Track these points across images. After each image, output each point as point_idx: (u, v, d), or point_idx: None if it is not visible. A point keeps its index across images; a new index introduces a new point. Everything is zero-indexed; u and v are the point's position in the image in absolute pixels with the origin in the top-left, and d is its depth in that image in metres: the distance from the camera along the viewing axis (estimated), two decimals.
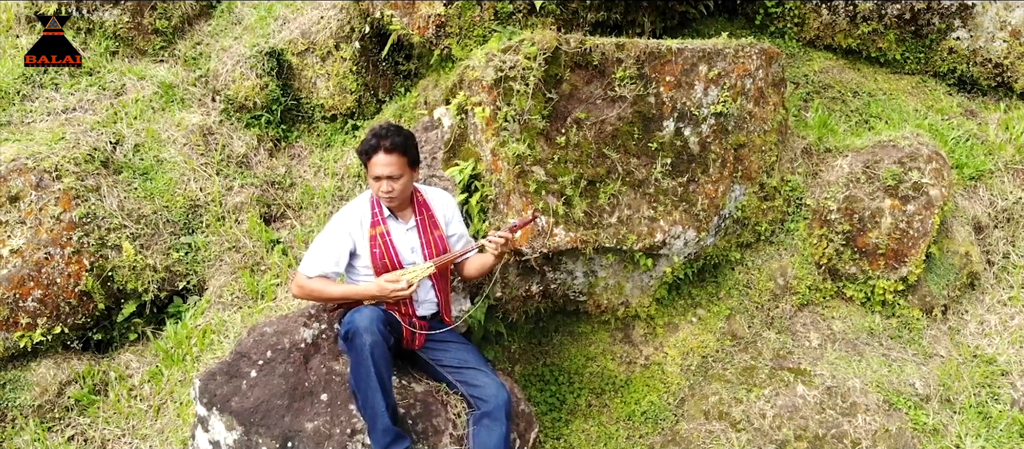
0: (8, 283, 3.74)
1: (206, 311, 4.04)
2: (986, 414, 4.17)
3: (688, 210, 3.94)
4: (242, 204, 4.36)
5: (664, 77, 3.85)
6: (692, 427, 3.97)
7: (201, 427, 3.39)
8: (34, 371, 3.80)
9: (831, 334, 4.26)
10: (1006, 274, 4.59)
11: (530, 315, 4.11)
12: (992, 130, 5.01)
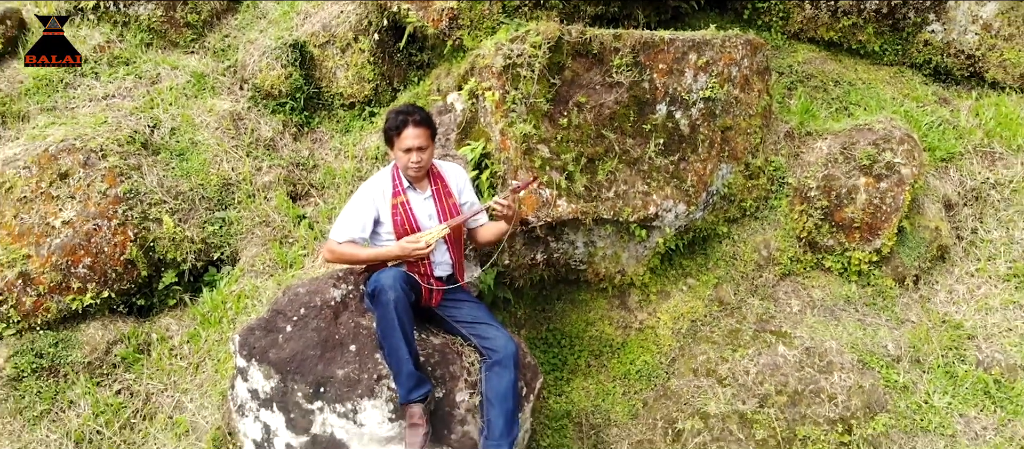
0: (61, 251, 4.13)
1: (239, 279, 4.43)
2: (953, 374, 4.55)
3: (679, 186, 4.34)
4: (270, 183, 4.75)
5: (657, 65, 4.24)
6: (682, 383, 4.36)
7: (240, 377, 3.78)
8: (84, 332, 4.19)
9: (810, 301, 4.65)
10: (974, 248, 4.98)
11: (534, 282, 4.51)
12: (963, 116, 5.40)
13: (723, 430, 4.18)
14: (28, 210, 4.18)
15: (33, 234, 4.14)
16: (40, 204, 4.20)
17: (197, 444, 3.89)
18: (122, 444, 3.96)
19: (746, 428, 4.17)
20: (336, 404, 3.57)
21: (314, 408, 3.61)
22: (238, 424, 3.85)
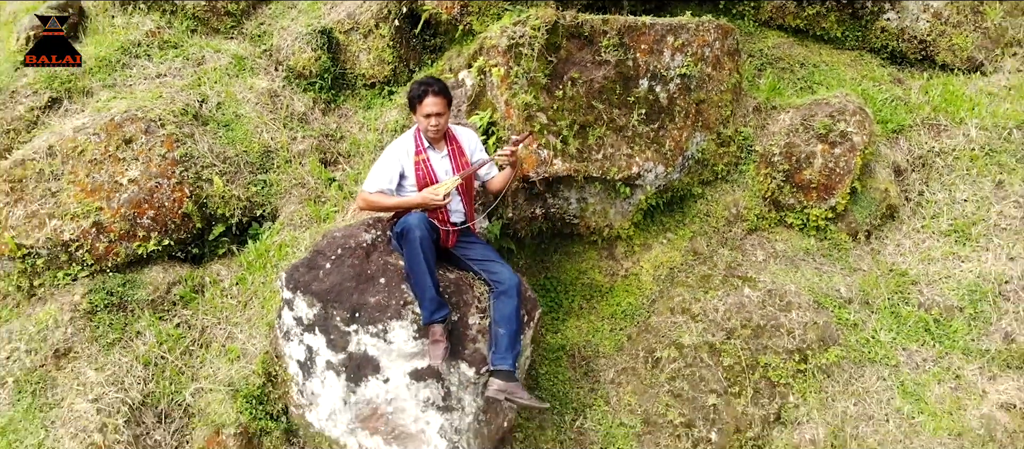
0: (128, 204, 4.81)
1: (279, 232, 5.10)
2: (897, 314, 5.23)
3: (658, 150, 5.01)
4: (304, 151, 5.43)
5: (640, 46, 4.92)
6: (660, 320, 5.05)
7: (287, 307, 4.46)
8: (147, 274, 4.86)
9: (774, 252, 5.33)
10: (920, 208, 5.65)
11: (534, 234, 5.19)
12: (914, 94, 6.08)
13: (695, 358, 4.86)
14: (98, 170, 4.86)
15: (104, 190, 4.81)
16: (109, 165, 4.88)
17: (248, 367, 4.57)
18: (183, 367, 4.64)
19: (715, 356, 4.86)
20: (369, 326, 4.26)
21: (350, 330, 4.29)
22: (284, 348, 4.54)
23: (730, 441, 4.75)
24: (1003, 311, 5.15)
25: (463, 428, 4.34)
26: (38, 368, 4.49)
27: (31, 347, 4.55)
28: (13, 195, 4.82)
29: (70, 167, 4.86)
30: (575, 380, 5.03)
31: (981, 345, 5.09)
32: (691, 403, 4.78)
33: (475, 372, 4.29)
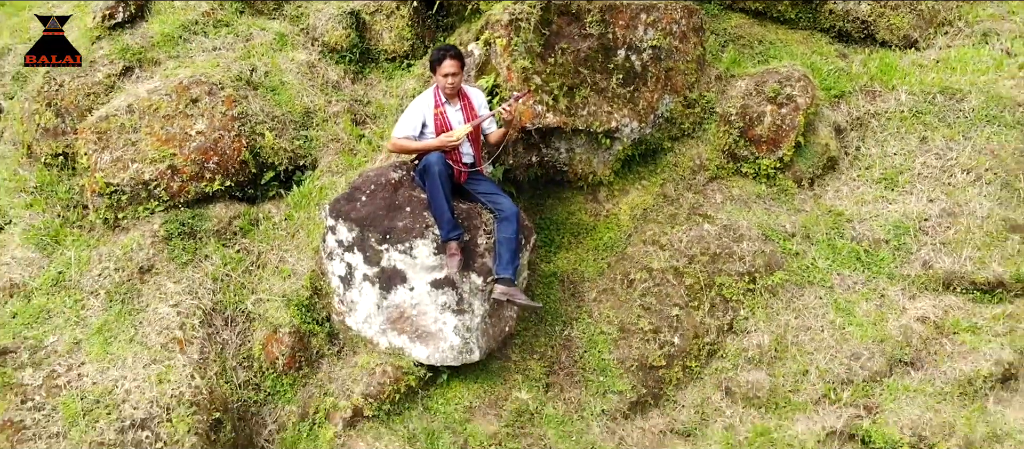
0: (197, 151, 5.78)
1: (319, 178, 6.08)
2: (834, 245, 6.20)
3: (633, 109, 5.98)
4: (338, 112, 6.39)
5: (618, 21, 5.88)
6: (635, 250, 6.02)
7: (330, 233, 5.45)
8: (212, 209, 5.84)
9: (730, 196, 6.30)
10: (857, 160, 6.62)
11: (530, 180, 6.16)
12: (855, 66, 7.04)
13: (662, 279, 5.84)
14: (171, 123, 5.83)
15: (176, 140, 5.78)
16: (179, 120, 5.84)
17: (297, 282, 5.55)
18: (244, 283, 5.62)
19: (678, 278, 5.84)
20: (397, 245, 5.25)
21: (382, 249, 5.28)
22: (327, 266, 5.53)
23: (690, 345, 5.75)
24: (922, 243, 6.13)
25: (473, 327, 5.34)
26: (126, 282, 5.47)
27: (119, 265, 5.53)
28: (100, 144, 5.80)
29: (147, 121, 5.84)
30: (564, 299, 6.02)
31: (903, 271, 6.07)
32: (658, 314, 5.76)
33: (483, 281, 5.28)
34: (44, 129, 6.37)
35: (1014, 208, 6.18)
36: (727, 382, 5.70)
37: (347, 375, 5.36)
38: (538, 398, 5.60)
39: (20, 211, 6.08)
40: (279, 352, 5.35)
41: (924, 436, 5.34)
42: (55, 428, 4.78)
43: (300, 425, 5.26)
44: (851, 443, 5.47)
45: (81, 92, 6.33)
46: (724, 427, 5.57)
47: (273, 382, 5.37)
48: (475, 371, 5.55)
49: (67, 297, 5.46)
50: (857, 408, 5.52)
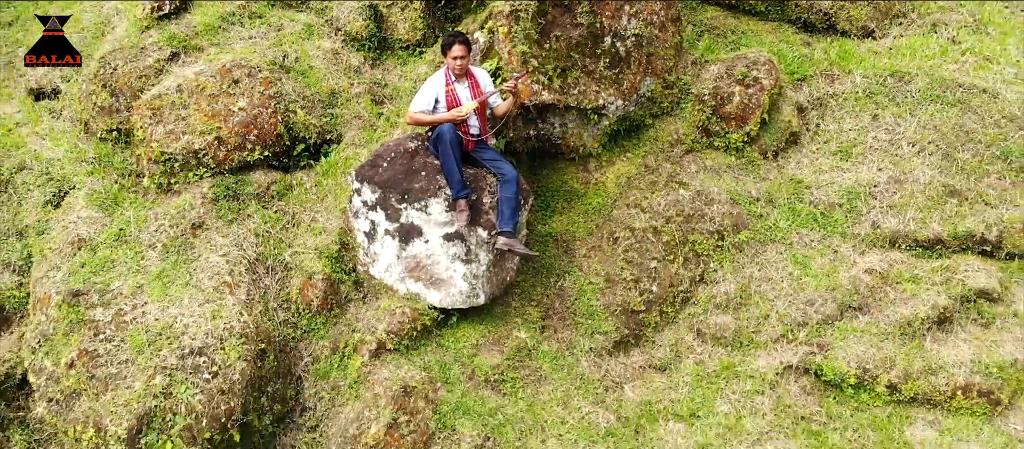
0: (239, 125, 6.58)
1: (344, 150, 6.89)
2: (793, 209, 7.01)
3: (618, 89, 6.80)
4: (359, 93, 7.21)
5: (605, 12, 6.68)
6: (619, 212, 6.83)
7: (356, 194, 6.26)
8: (252, 175, 6.64)
9: (704, 166, 7.12)
10: (816, 135, 7.43)
11: (528, 152, 6.96)
12: (817, 53, 7.84)
13: (643, 237, 6.66)
14: (216, 101, 6.64)
15: (221, 115, 6.59)
16: (223, 98, 6.66)
17: (328, 238, 6.37)
18: (282, 238, 6.45)
19: (657, 235, 6.65)
20: (414, 203, 6.07)
21: (401, 207, 6.10)
22: (353, 223, 6.35)
23: (666, 293, 6.57)
24: (871, 206, 6.95)
25: (479, 275, 6.16)
26: (180, 236, 6.29)
27: (173, 223, 6.34)
28: (154, 119, 6.61)
29: (195, 99, 6.65)
30: (558, 255, 6.84)
31: (854, 230, 6.89)
32: (639, 267, 6.59)
33: (488, 234, 6.10)
34: (100, 107, 7.19)
35: (953, 176, 6.99)
36: (698, 325, 6.53)
37: (371, 316, 6.19)
38: (535, 337, 6.43)
39: (82, 178, 6.90)
40: (313, 295, 6.18)
41: (868, 369, 6.16)
42: (124, 356, 5.61)
43: (332, 357, 6.09)
44: (805, 376, 6.30)
45: (133, 75, 7.14)
46: (695, 362, 6.40)
47: (308, 321, 6.20)
48: (481, 314, 6.38)
49: (128, 250, 6.28)
50: (811, 346, 6.34)
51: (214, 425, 5.39)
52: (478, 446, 5.75)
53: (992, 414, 6.18)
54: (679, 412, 6.10)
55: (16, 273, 6.60)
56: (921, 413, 6.18)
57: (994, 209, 6.81)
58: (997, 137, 7.06)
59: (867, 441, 6.03)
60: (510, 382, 6.16)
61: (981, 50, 7.71)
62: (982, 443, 6.06)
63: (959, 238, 6.71)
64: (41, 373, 5.73)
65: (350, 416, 5.80)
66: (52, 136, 7.33)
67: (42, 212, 6.72)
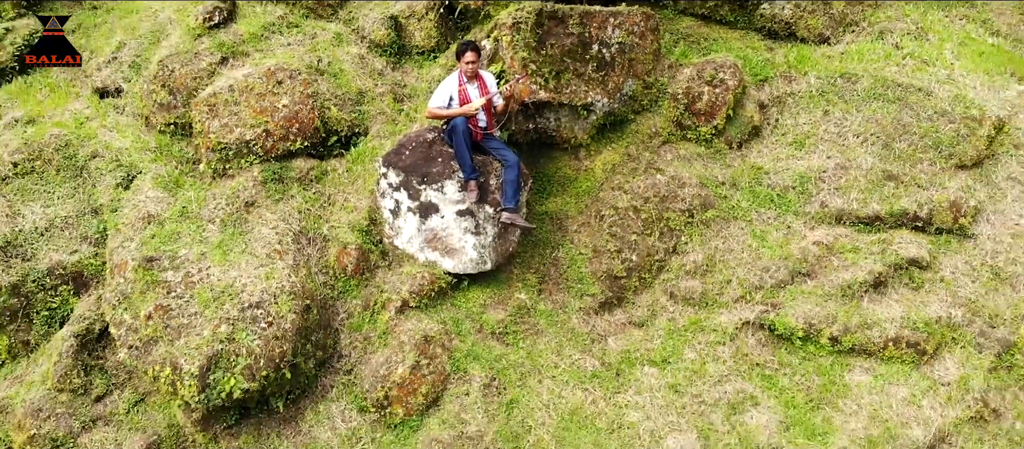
0: (283, 119, 7.67)
1: (370, 142, 7.98)
2: (754, 191, 8.09)
3: (604, 88, 7.89)
4: (383, 93, 8.31)
5: (593, 24, 7.77)
6: (605, 194, 7.93)
7: (383, 177, 7.37)
8: (294, 162, 7.71)
9: (678, 155, 8.21)
10: (775, 130, 8.52)
11: (528, 143, 8.05)
12: (778, 57, 8.92)
13: (625, 214, 7.76)
14: (263, 99, 7.74)
15: (268, 111, 7.69)
16: (269, 96, 7.76)
17: (358, 214, 7.46)
18: (321, 214, 7.54)
19: (637, 213, 7.75)
20: (432, 184, 7.17)
21: (421, 188, 7.20)
22: (380, 202, 7.45)
23: (644, 261, 7.68)
24: (820, 189, 8.03)
25: (486, 245, 7.27)
26: (235, 212, 7.39)
27: (229, 201, 7.44)
28: (210, 114, 7.72)
29: (245, 97, 7.76)
30: (552, 230, 7.94)
31: (805, 209, 7.98)
32: (621, 240, 7.69)
33: (493, 211, 7.21)
34: (159, 104, 8.29)
35: (891, 162, 8.08)
36: (671, 288, 7.63)
37: (396, 279, 7.30)
38: (533, 298, 7.54)
39: (147, 164, 8.01)
40: (347, 262, 7.29)
41: (814, 324, 7.25)
42: (193, 310, 6.71)
43: (363, 313, 7.20)
44: (760, 331, 7.40)
45: (189, 76, 8.25)
46: (667, 319, 7.50)
47: (343, 283, 7.31)
48: (487, 278, 7.49)
49: (191, 224, 7.38)
50: (765, 306, 7.44)
51: (270, 365, 6.50)
52: (486, 385, 6.87)
53: (919, 362, 7.25)
54: (653, 359, 7.21)
55: (92, 245, 7.72)
56: (858, 361, 7.26)
57: (925, 191, 7.90)
58: (930, 129, 8.14)
59: (812, 384, 7.13)
60: (512, 334, 7.27)
61: (920, 54, 8.80)
62: (910, 386, 7.16)
63: (895, 215, 7.79)
64: (122, 325, 6.83)
65: (380, 361, 6.91)
66: (118, 129, 8.44)
67: (114, 193, 7.83)
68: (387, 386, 6.75)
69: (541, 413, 6.82)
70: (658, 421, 6.80)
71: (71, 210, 7.85)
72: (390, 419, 6.77)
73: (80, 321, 7.35)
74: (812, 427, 6.87)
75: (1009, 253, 7.70)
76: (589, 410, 6.88)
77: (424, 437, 6.64)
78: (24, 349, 7.55)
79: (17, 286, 7.45)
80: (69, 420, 7.03)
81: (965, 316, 7.38)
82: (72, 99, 8.88)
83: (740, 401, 6.95)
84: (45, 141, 8.12)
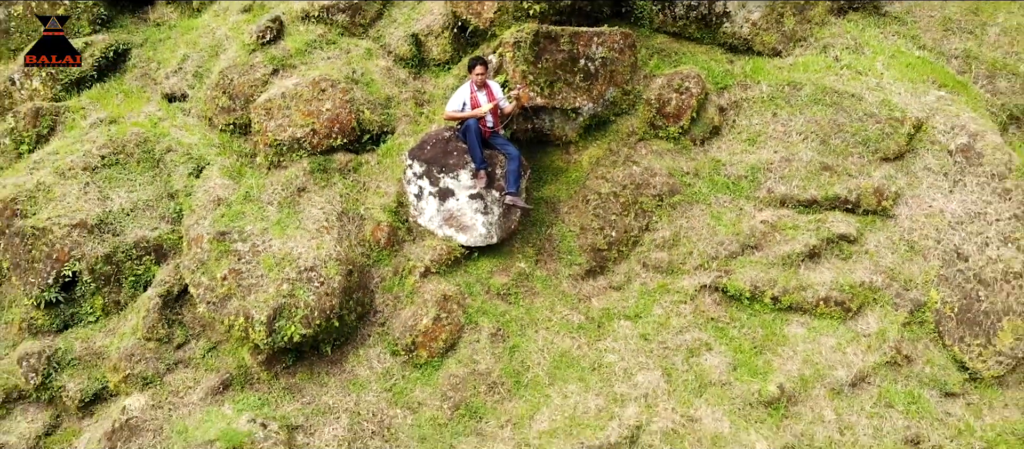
0: (326, 121, 9.25)
1: (397, 139, 9.58)
2: (713, 180, 9.65)
3: (590, 95, 9.46)
4: (406, 98, 9.88)
5: (580, 42, 9.34)
6: (591, 182, 9.50)
7: (409, 168, 8.96)
8: (335, 156, 9.26)
9: (650, 150, 9.78)
10: (732, 129, 10.07)
11: (527, 140, 9.62)
12: (737, 68, 10.48)
13: (607, 199, 9.33)
14: (309, 104, 9.31)
15: (314, 114, 9.26)
16: (314, 102, 9.33)
17: (389, 198, 9.04)
18: (358, 198, 9.13)
19: (616, 198, 9.31)
20: (449, 173, 8.77)
21: (440, 176, 8.80)
22: (406, 188, 9.04)
23: (622, 237, 9.26)
24: (768, 177, 9.59)
25: (493, 223, 8.85)
26: (289, 197, 8.97)
27: (284, 187, 9.02)
28: (267, 116, 9.29)
29: (294, 103, 9.34)
30: (547, 212, 9.52)
31: (755, 195, 9.54)
32: (603, 219, 9.27)
33: (499, 195, 8.79)
34: (221, 107, 9.88)
35: (826, 156, 9.64)
36: (643, 259, 9.21)
37: (420, 250, 8.88)
38: (531, 266, 9.13)
39: (213, 157, 9.59)
40: (380, 236, 8.88)
41: (758, 287, 8.82)
42: (260, 272, 8.30)
43: (394, 277, 8.78)
44: (715, 292, 8.97)
45: (246, 84, 9.84)
46: (640, 284, 9.09)
47: (377, 253, 8.90)
48: (494, 250, 9.06)
49: (253, 205, 8.97)
50: (720, 272, 9.01)
51: (321, 316, 8.09)
52: (493, 333, 8.46)
53: (845, 318, 8.82)
54: (628, 314, 8.80)
55: (169, 223, 9.31)
56: (795, 317, 8.84)
57: (854, 179, 9.47)
58: (860, 128, 9.71)
59: (756, 335, 8.71)
60: (514, 295, 8.86)
61: (856, 65, 10.37)
62: (837, 337, 8.73)
63: (829, 199, 9.36)
64: (200, 286, 8.42)
65: (407, 315, 8.51)
66: (186, 128, 10.03)
67: (187, 181, 9.43)
68: (413, 334, 8.34)
69: (537, 355, 8.41)
70: (631, 362, 8.39)
71: (151, 195, 9.44)
72: (416, 360, 8.36)
73: (162, 284, 8.93)
74: (755, 368, 8.46)
75: (923, 230, 9.27)
76: (575, 353, 8.47)
77: (444, 374, 8.24)
78: (115, 308, 9.13)
79: (109, 256, 9.02)
80: (156, 363, 8.62)
81: (884, 281, 8.95)
82: (144, 103, 10.47)
83: (697, 347, 8.53)
84: (127, 137, 9.72)
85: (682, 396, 8.15)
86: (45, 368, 8.74)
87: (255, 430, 7.74)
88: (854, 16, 11.01)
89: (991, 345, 8.86)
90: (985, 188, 9.37)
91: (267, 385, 8.32)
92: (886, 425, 8.31)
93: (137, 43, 11.31)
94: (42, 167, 9.59)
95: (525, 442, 7.79)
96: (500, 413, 8.06)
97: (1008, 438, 8.59)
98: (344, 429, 7.93)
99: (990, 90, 10.48)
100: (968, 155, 9.59)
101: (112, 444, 8.08)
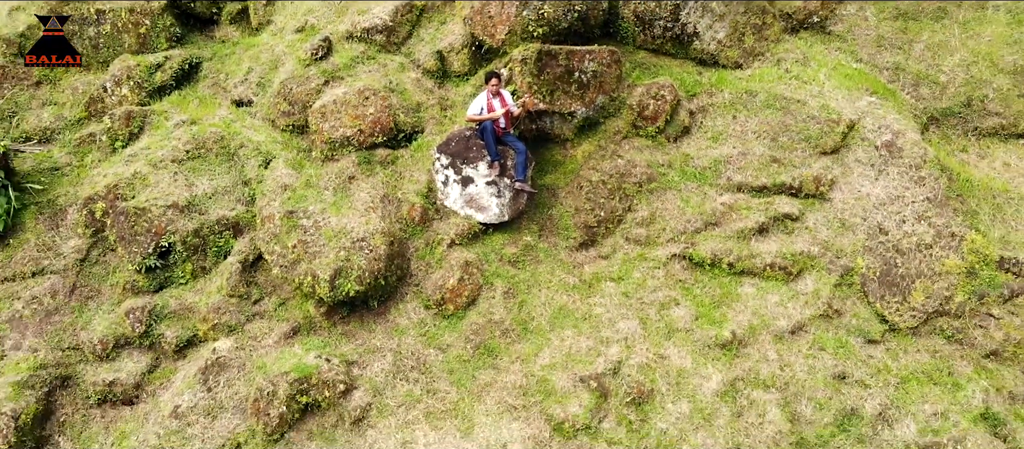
0: (370, 122, 11.26)
1: (426, 137, 11.60)
2: (683, 170, 11.67)
3: (583, 101, 11.48)
4: (433, 104, 11.91)
5: (575, 58, 11.35)
6: (583, 172, 11.49)
7: (437, 160, 10.99)
8: (377, 151, 11.20)
9: (633, 146, 11.79)
10: (700, 129, 12.08)
11: (532, 138, 11.66)
12: (705, 79, 12.49)
13: (596, 185, 11.35)
14: (355, 109, 11.36)
15: (360, 117, 11.28)
16: (360, 107, 11.37)
17: (420, 184, 11.06)
18: (396, 184, 11.19)
19: (603, 185, 11.33)
20: (470, 164, 10.82)
21: (462, 167, 10.84)
22: (435, 177, 11.08)
23: (609, 216, 11.30)
24: (728, 168, 11.60)
25: (505, 204, 10.90)
26: (342, 184, 11.00)
27: (337, 176, 11.06)
28: (322, 118, 11.33)
29: (344, 108, 11.38)
30: (548, 197, 11.56)
31: (717, 182, 11.56)
32: (594, 202, 11.31)
33: (509, 180, 10.85)
34: (282, 112, 11.93)
35: (776, 151, 11.65)
36: (626, 234, 11.26)
37: (446, 227, 10.93)
38: (535, 240, 11.17)
39: (278, 152, 11.64)
40: (415, 215, 10.92)
41: (718, 255, 10.83)
42: (321, 242, 10.36)
43: (425, 248, 10.83)
44: (683, 260, 10.98)
45: (303, 93, 11.89)
46: (623, 254, 11.13)
47: (412, 229, 10.95)
48: (505, 227, 11.10)
49: (313, 190, 11.02)
50: (687, 244, 11.02)
51: (371, 276, 10.14)
52: (505, 292, 10.51)
53: (787, 280, 10.82)
54: (613, 277, 10.85)
55: (244, 205, 11.37)
56: (747, 279, 10.85)
57: (798, 169, 11.46)
58: (803, 128, 11.73)
59: (715, 293, 10.75)
60: (521, 262, 10.91)
61: (802, 76, 12.38)
62: (780, 295, 10.75)
63: (776, 186, 11.37)
64: (274, 253, 10.47)
65: (437, 276, 10.57)
66: (254, 128, 12.09)
67: (258, 171, 11.49)
68: (442, 292, 10.41)
69: (540, 309, 10.48)
70: (614, 313, 10.45)
71: (228, 182, 11.51)
72: (444, 312, 10.43)
73: (239, 254, 10.99)
74: (714, 318, 10.50)
75: (852, 210, 11.28)
76: (571, 307, 10.54)
77: (466, 322, 10.30)
78: (202, 272, 11.18)
79: (197, 231, 11.06)
80: (238, 315, 10.69)
81: (820, 250, 10.96)
82: (216, 107, 12.53)
83: (667, 302, 10.58)
84: (206, 136, 11.78)
85: (655, 339, 10.19)
86: (147, 319, 10.78)
87: (320, 363, 9.80)
88: (804, 34, 13.02)
89: (906, 302, 10.82)
90: (904, 176, 11.38)
91: (327, 331, 10.39)
92: (818, 364, 10.32)
93: (207, 57, 13.35)
94: (136, 160, 11.65)
95: (531, 373, 9.86)
96: (511, 352, 10.13)
97: (919, 376, 10.59)
98: (389, 364, 10.00)
99: (915, 96, 12.49)
100: (891, 149, 11.61)
101: (205, 377, 10.14)
